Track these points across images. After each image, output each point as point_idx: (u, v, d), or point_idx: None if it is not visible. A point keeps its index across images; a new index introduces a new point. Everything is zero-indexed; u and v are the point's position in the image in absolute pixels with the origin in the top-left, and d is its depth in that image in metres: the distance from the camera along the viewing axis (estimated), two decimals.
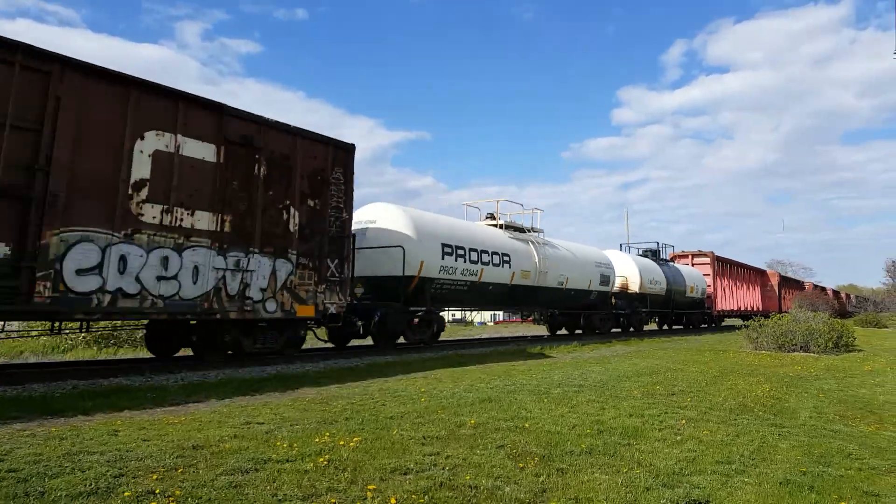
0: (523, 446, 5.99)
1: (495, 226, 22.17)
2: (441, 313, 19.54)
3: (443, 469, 5.12)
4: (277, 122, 12.75)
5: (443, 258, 17.76)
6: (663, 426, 7.19)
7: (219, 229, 11.51)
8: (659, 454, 5.88)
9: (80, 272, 9.60)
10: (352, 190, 14.30)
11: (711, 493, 4.75)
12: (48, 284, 9.26)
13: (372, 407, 8.01)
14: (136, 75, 10.54)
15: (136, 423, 6.84)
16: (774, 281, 49.97)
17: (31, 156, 9.20)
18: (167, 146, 10.82)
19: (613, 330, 28.66)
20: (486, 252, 19.63)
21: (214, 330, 12.29)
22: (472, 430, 6.65)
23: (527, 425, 6.97)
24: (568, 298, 24.51)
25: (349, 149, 14.29)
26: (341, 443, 5.89)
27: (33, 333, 16.00)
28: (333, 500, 4.28)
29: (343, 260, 14.00)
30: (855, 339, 22.99)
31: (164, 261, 10.66)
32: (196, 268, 11.12)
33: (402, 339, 17.55)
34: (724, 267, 41.23)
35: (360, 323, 15.87)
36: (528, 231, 23.20)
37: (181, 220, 10.94)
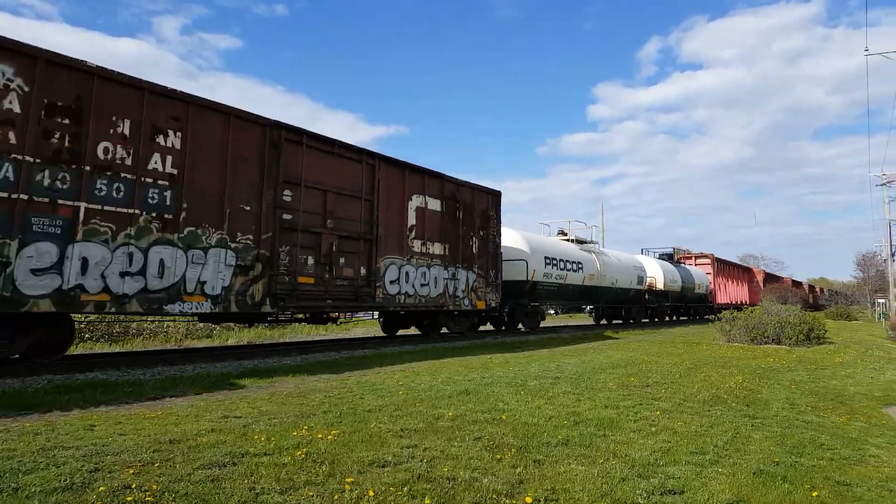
0: (500, 438, 6.03)
1: (569, 241, 28.78)
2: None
3: (421, 461, 5.15)
4: (467, 181, 19.54)
5: (545, 267, 24.65)
6: (638, 417, 7.27)
7: (444, 253, 18.23)
8: (634, 445, 5.96)
9: (391, 283, 16.13)
10: (500, 222, 21.10)
11: (686, 484, 4.82)
12: (380, 290, 15.76)
13: (350, 400, 8.02)
14: (411, 162, 17.33)
15: (113, 417, 6.78)
16: (760, 277, 58.19)
17: (370, 216, 15.65)
18: (421, 203, 17.52)
19: (643, 320, 35.58)
20: (568, 261, 26.38)
21: (435, 317, 19.56)
22: (450, 423, 6.68)
23: (504, 417, 7.01)
24: (616, 295, 31.48)
25: (499, 195, 21.16)
26: (319, 436, 5.89)
27: None
28: (311, 494, 4.29)
29: (498, 270, 20.81)
30: (826, 331, 23.39)
31: (423, 274, 17.31)
32: (436, 278, 17.77)
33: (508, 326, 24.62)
34: (721, 267, 48.24)
35: (505, 311, 23.78)
36: (590, 243, 30.15)
37: (429, 249, 17.68)
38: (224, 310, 12.10)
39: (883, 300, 63.39)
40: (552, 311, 46.29)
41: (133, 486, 4.31)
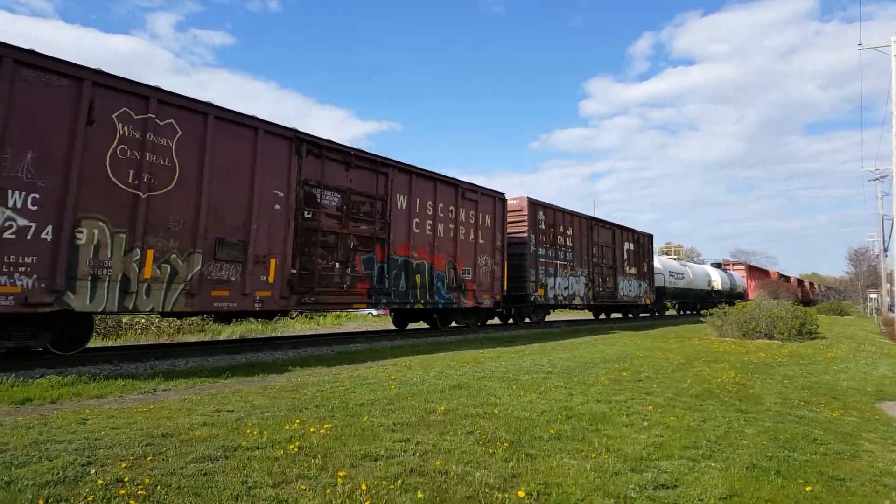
0: (493, 432, 6.03)
1: (676, 259, 47.10)
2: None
3: (413, 455, 5.14)
4: (629, 227, 31.70)
5: (669, 277, 38.87)
6: (631, 412, 7.29)
7: (638, 273, 32.34)
8: (627, 439, 5.97)
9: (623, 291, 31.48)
10: (653, 255, 34.46)
11: (679, 478, 4.83)
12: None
13: (342, 394, 8.01)
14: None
15: (105, 411, 6.76)
16: (774, 277, 71.18)
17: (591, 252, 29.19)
18: (629, 246, 32.20)
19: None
20: (677, 273, 40.84)
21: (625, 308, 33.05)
22: (442, 417, 6.68)
23: (496, 411, 7.02)
24: (697, 295, 44.73)
25: (651, 237, 34.42)
26: (311, 430, 5.88)
27: None
28: (304, 487, 4.28)
29: (653, 281, 34.55)
30: (818, 326, 23.46)
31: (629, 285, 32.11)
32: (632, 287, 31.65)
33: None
34: (751, 271, 63.63)
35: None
36: (684, 258, 44.68)
37: (629, 270, 32.19)
38: (587, 303, 27.79)
39: (875, 295, 63.74)
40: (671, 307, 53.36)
41: (126, 479, 4.30)
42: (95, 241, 9.94)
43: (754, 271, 65.35)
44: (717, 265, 55.57)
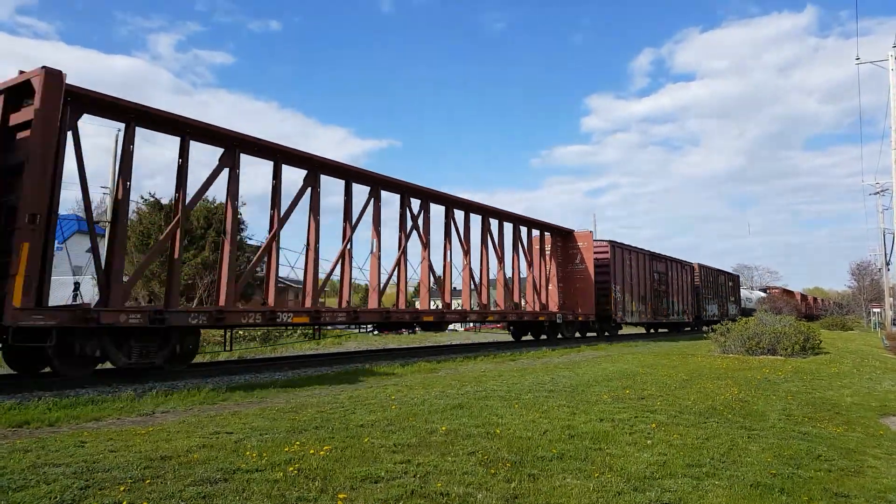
0: (495, 452, 5.98)
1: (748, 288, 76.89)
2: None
3: (414, 477, 5.09)
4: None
5: (745, 304, 59.49)
6: (634, 430, 7.23)
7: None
8: (630, 458, 5.92)
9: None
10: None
11: (683, 497, 4.78)
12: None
13: (342, 415, 7.95)
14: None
15: (104, 434, 6.71)
16: (798, 297, 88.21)
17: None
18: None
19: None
20: (748, 299, 64.26)
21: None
22: (444, 437, 6.63)
23: (498, 431, 6.96)
24: (748, 313, 45.91)
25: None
26: (311, 451, 5.83)
27: None
28: None
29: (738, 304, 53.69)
30: (821, 341, 23.40)
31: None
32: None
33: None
34: (784, 293, 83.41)
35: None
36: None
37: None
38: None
39: (878, 309, 63.54)
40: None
41: (124, 502, 4.25)
42: None
43: (786, 294, 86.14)
44: (764, 289, 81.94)
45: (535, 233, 27.38)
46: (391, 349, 21.11)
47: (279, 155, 15.31)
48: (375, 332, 35.85)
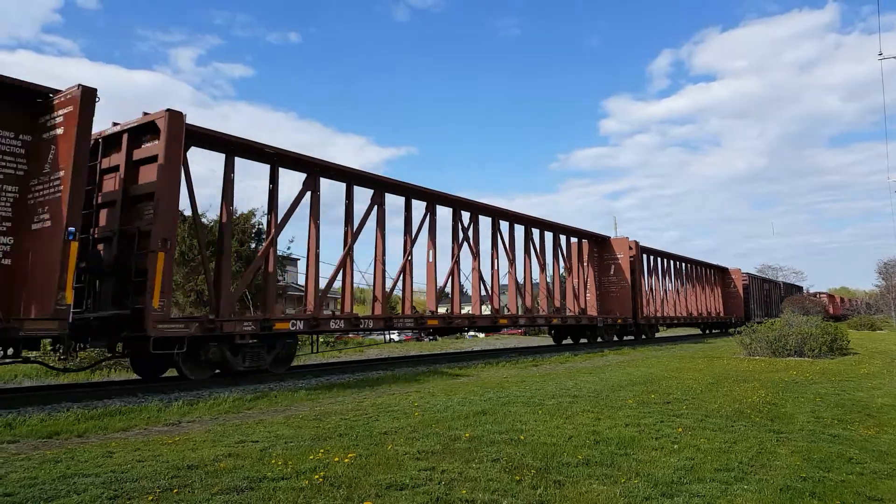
0: (519, 459, 5.95)
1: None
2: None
3: (438, 484, 5.08)
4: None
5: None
6: (660, 435, 7.16)
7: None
8: (657, 463, 5.85)
9: None
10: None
11: (711, 502, 4.72)
12: None
13: (365, 422, 7.96)
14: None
15: (131, 444, 6.77)
16: (837, 301, 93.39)
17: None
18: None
19: None
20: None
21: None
22: (467, 444, 6.61)
23: (522, 437, 6.93)
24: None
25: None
26: (336, 459, 5.84)
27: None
28: None
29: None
30: (849, 342, 23.03)
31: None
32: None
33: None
34: (830, 298, 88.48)
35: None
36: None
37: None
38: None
39: None
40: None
41: None
42: None
43: (831, 298, 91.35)
44: (814, 294, 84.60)
45: (574, 240, 29.35)
46: (412, 356, 21.12)
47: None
48: (395, 339, 37.13)
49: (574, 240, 29.29)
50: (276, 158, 14.94)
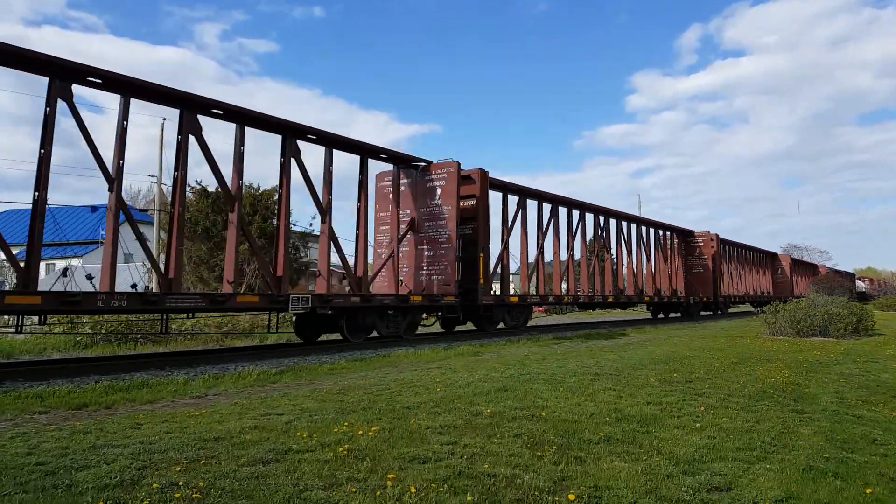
0: (541, 435, 5.99)
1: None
2: None
3: (461, 458, 5.13)
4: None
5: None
6: (682, 413, 7.16)
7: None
8: (678, 442, 5.86)
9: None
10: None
11: (733, 480, 4.72)
12: None
13: (388, 397, 8.05)
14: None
15: (158, 416, 6.91)
16: (871, 280, 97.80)
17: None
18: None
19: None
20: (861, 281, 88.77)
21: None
22: (489, 420, 6.66)
23: (543, 414, 6.97)
24: (858, 297, 57.15)
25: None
26: (360, 432, 5.92)
27: (56, 330, 16.24)
28: (354, 490, 4.31)
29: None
30: (875, 322, 22.75)
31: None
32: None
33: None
34: (870, 280, 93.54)
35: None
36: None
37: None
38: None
39: None
40: None
41: (180, 483, 4.38)
42: None
43: (868, 280, 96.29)
44: (854, 276, 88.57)
45: (667, 233, 35.77)
46: (433, 333, 21.16)
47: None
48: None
49: (668, 233, 35.87)
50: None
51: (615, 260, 29.99)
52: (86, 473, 4.59)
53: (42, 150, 10.62)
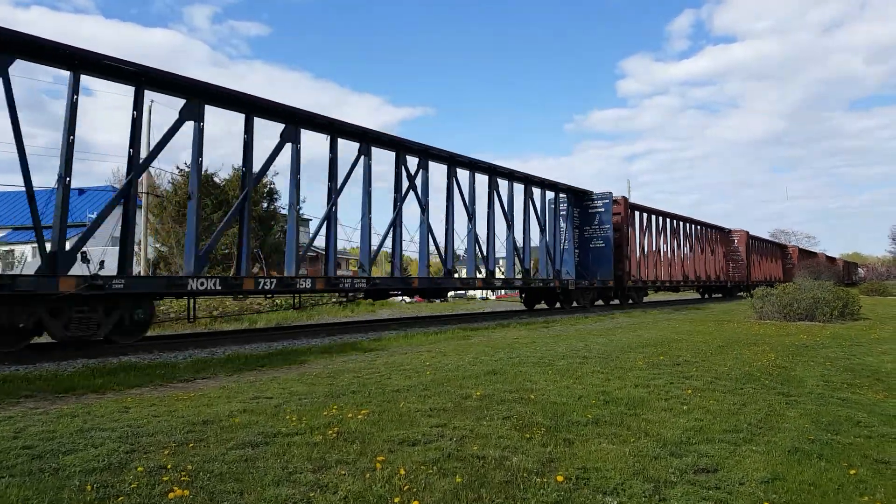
0: (529, 417, 6.01)
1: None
2: None
3: (450, 440, 5.15)
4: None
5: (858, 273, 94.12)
6: (669, 396, 7.21)
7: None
8: (666, 424, 5.90)
9: None
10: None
11: (720, 462, 4.76)
12: None
13: (378, 380, 8.05)
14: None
15: (147, 399, 6.89)
16: (840, 265, 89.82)
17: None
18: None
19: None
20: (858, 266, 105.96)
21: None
22: (478, 402, 6.68)
23: (532, 397, 7.00)
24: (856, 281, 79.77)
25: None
26: (349, 415, 5.92)
27: None
28: (343, 472, 4.31)
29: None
30: (860, 307, 22.96)
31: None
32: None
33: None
34: (865, 266, 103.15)
35: None
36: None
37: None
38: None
39: None
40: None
41: (169, 466, 4.37)
42: None
43: (862, 266, 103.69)
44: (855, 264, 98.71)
45: (550, 194, 26.79)
46: (424, 317, 21.25)
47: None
48: (406, 301, 39.65)
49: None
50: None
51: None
52: (73, 457, 4.57)
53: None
